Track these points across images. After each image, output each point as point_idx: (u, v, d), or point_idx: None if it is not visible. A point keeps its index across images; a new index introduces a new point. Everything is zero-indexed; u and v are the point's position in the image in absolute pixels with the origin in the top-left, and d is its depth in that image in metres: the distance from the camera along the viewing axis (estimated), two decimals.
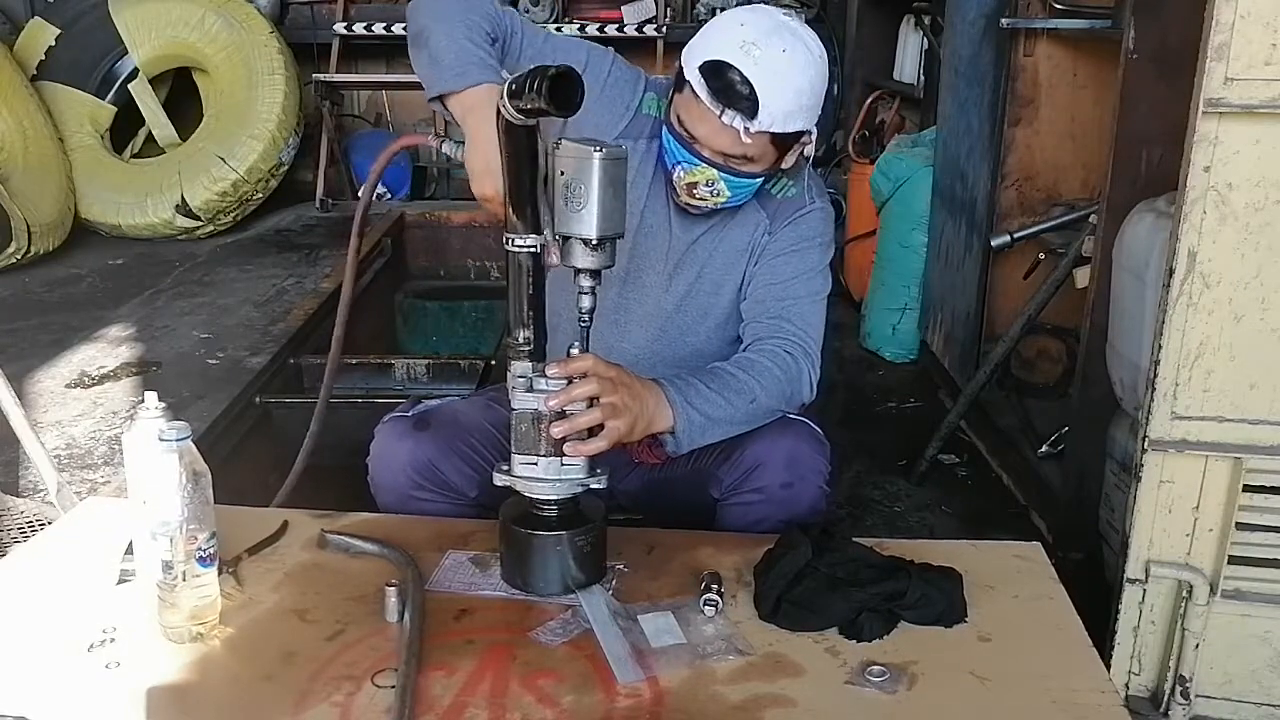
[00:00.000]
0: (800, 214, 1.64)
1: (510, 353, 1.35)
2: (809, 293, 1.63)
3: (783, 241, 1.64)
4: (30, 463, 2.08)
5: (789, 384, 1.55)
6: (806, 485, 1.55)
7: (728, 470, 1.58)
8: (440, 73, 1.46)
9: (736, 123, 1.44)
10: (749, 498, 1.56)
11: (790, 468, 1.54)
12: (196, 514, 1.25)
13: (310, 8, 5.44)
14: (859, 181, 4.20)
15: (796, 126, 1.48)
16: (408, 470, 1.59)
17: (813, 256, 1.65)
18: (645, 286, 1.67)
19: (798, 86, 1.45)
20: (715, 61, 1.43)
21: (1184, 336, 1.62)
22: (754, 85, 1.41)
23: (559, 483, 1.35)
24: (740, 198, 1.57)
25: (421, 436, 1.59)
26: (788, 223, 1.64)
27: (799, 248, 1.64)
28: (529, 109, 1.22)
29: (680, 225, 1.65)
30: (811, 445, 1.58)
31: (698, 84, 1.45)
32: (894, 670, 1.22)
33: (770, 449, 1.55)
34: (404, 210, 4.76)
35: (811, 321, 1.62)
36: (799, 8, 5.46)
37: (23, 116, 4.15)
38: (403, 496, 1.61)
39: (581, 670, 1.23)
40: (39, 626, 1.31)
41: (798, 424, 1.61)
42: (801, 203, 1.65)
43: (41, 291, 3.66)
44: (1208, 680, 1.75)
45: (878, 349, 3.89)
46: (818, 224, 1.66)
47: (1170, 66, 1.88)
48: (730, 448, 1.57)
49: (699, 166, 1.52)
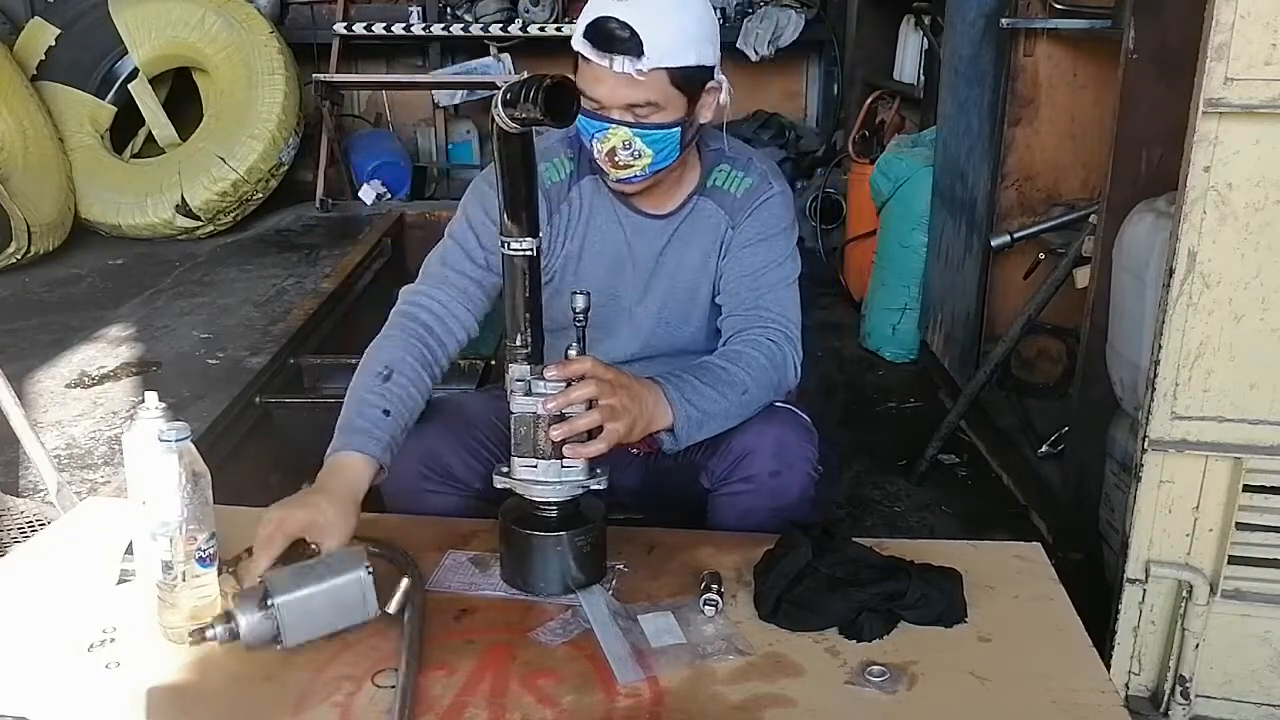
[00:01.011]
0: (760, 203, 1.65)
1: (508, 356, 1.35)
2: (781, 279, 1.64)
3: (747, 233, 1.65)
4: (30, 463, 2.08)
5: (775, 371, 1.56)
6: (795, 473, 1.56)
7: (717, 461, 1.59)
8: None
9: (627, 67, 1.45)
10: (738, 487, 1.57)
11: (778, 456, 1.55)
12: (196, 514, 1.25)
13: (310, 8, 5.45)
14: (859, 181, 4.20)
15: (689, 60, 1.48)
16: (414, 462, 1.59)
17: (779, 244, 1.65)
18: (623, 306, 1.68)
19: (680, 21, 1.47)
20: (593, 19, 1.46)
21: (1184, 336, 1.62)
22: (634, 27, 1.43)
23: (559, 485, 1.35)
24: (665, 156, 1.54)
25: (426, 429, 1.59)
26: (749, 214, 1.65)
27: (764, 237, 1.64)
28: (524, 118, 1.22)
29: (639, 241, 1.66)
30: (799, 433, 1.59)
31: (583, 46, 1.48)
32: (894, 670, 1.22)
33: (758, 438, 1.56)
34: (404, 210, 4.76)
35: (787, 306, 1.63)
36: (799, 8, 5.46)
37: (23, 116, 4.15)
38: (410, 488, 1.61)
39: (581, 670, 1.23)
40: (39, 626, 1.31)
41: (785, 412, 1.62)
42: (758, 191, 1.65)
43: (41, 291, 3.66)
44: (1208, 680, 1.75)
45: (878, 349, 3.89)
46: (779, 209, 1.66)
47: (1170, 66, 1.88)
48: (719, 438, 1.58)
49: (609, 129, 1.51)
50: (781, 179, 1.70)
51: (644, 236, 1.66)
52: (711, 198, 1.65)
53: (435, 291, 1.61)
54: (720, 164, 1.67)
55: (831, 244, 4.74)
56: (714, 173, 1.66)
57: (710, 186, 1.66)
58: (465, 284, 1.62)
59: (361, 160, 5.22)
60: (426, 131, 5.79)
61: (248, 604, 1.22)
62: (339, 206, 4.90)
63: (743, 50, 5.40)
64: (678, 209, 1.66)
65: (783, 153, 5.48)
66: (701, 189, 1.66)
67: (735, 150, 1.69)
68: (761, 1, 5.59)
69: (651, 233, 1.66)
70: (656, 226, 1.66)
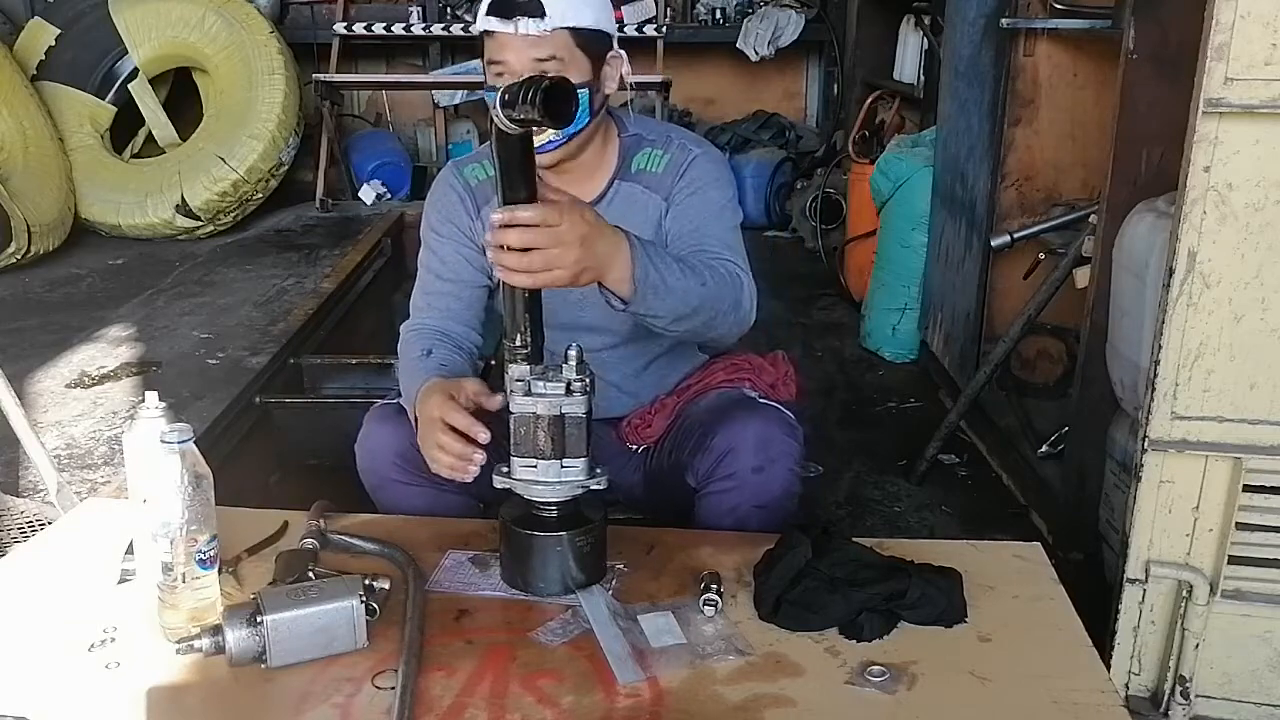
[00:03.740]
0: (685, 166, 1.67)
1: (508, 356, 1.35)
2: (723, 227, 1.65)
3: (680, 194, 1.66)
4: (30, 463, 2.08)
5: (733, 288, 1.54)
6: (778, 468, 1.56)
7: (701, 459, 1.60)
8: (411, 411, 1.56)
9: (531, 28, 1.49)
10: (723, 484, 1.58)
11: (760, 451, 1.55)
12: (197, 516, 1.25)
13: (310, 8, 5.45)
14: (859, 181, 4.20)
15: (588, 21, 1.53)
16: (390, 454, 1.61)
17: (712, 195, 1.66)
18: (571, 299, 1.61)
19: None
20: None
21: (1184, 336, 1.62)
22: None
23: (559, 485, 1.35)
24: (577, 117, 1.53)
25: (403, 421, 1.59)
26: (678, 178, 1.66)
27: (695, 189, 1.66)
28: (522, 119, 1.22)
29: None
30: (782, 428, 1.59)
31: (487, 23, 1.52)
32: (894, 670, 1.22)
33: (740, 434, 1.56)
34: (404, 210, 4.76)
35: (732, 245, 1.63)
36: (799, 8, 5.47)
37: (23, 116, 4.15)
38: (384, 480, 1.62)
39: (581, 670, 1.23)
40: (39, 626, 1.31)
41: (766, 408, 1.63)
42: (679, 161, 1.67)
43: (41, 291, 3.66)
44: (1208, 680, 1.75)
45: (878, 349, 3.88)
46: (705, 165, 1.68)
47: (1170, 66, 1.88)
48: (702, 435, 1.60)
49: None
50: (703, 143, 1.72)
51: None
52: (638, 181, 1.68)
53: (427, 320, 1.69)
54: (642, 149, 1.69)
55: (831, 244, 4.74)
56: (636, 158, 1.69)
57: (635, 171, 1.68)
58: (448, 303, 1.68)
59: (361, 160, 5.23)
60: (426, 131, 5.79)
61: (237, 619, 1.22)
62: (339, 206, 4.90)
63: (743, 50, 5.40)
64: (602, 195, 1.67)
65: (783, 153, 5.48)
66: (625, 174, 1.68)
67: (652, 132, 1.72)
68: (761, 1, 5.59)
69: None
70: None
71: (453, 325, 1.68)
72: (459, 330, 1.68)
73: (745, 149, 5.52)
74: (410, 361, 1.62)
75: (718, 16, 5.64)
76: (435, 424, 1.42)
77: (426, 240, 1.73)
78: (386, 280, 4.14)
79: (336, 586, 1.27)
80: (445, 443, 1.41)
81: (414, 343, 1.66)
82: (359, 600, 1.25)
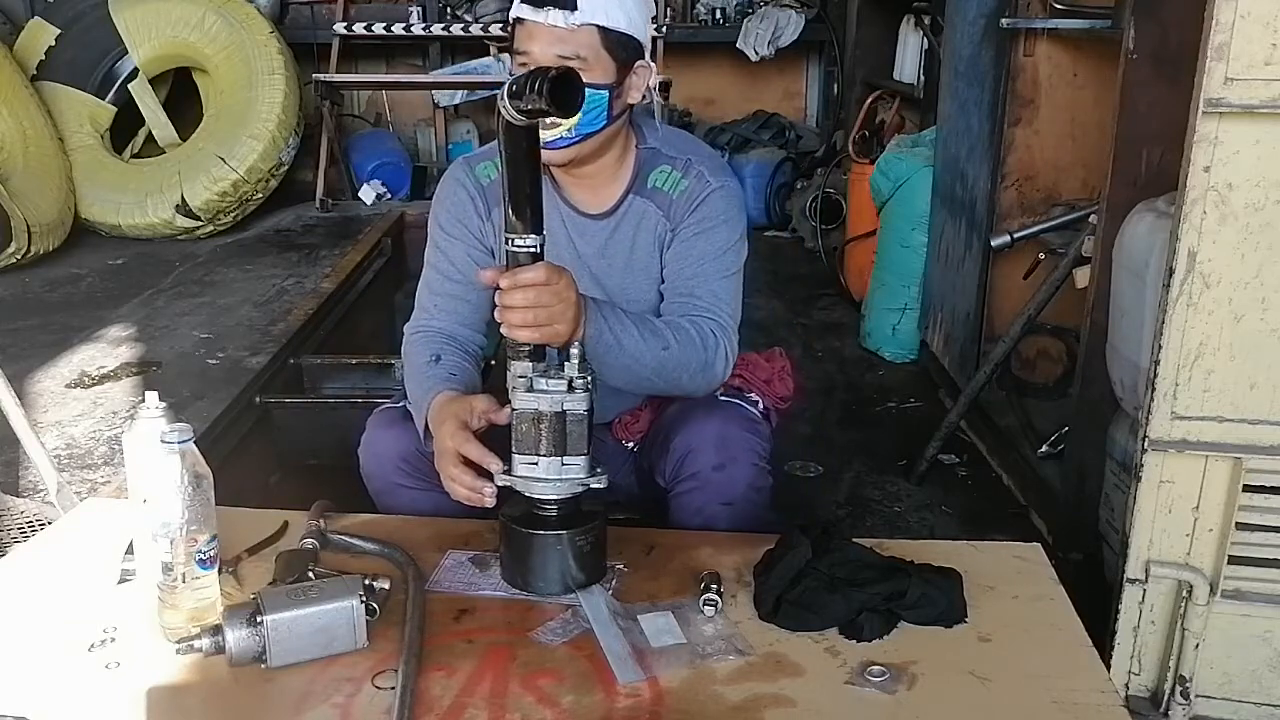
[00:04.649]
0: (699, 201, 1.64)
1: (510, 353, 1.35)
2: (719, 270, 1.63)
3: (687, 229, 1.64)
4: (30, 463, 2.08)
5: (704, 351, 1.55)
6: (739, 465, 1.56)
7: (665, 460, 1.60)
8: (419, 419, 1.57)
9: (560, 20, 1.47)
10: (687, 485, 1.58)
11: (720, 449, 1.55)
12: (197, 516, 1.25)
13: (310, 8, 5.45)
14: (859, 181, 4.20)
15: (620, 24, 1.51)
16: (394, 458, 1.61)
17: (718, 235, 1.63)
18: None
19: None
20: None
21: (1184, 336, 1.62)
22: None
23: (559, 482, 1.35)
24: (592, 119, 1.53)
25: (408, 426, 1.60)
26: (688, 213, 1.64)
27: (703, 230, 1.63)
28: (529, 109, 1.22)
29: (583, 242, 1.66)
30: (741, 425, 1.59)
31: (520, 10, 1.51)
32: (894, 670, 1.22)
33: (699, 434, 1.57)
34: (404, 210, 4.76)
35: (723, 298, 1.62)
36: (799, 8, 5.47)
37: (23, 116, 4.15)
38: (389, 484, 1.63)
39: (581, 670, 1.23)
40: (39, 626, 1.31)
41: (726, 406, 1.62)
42: (694, 192, 1.64)
43: (41, 291, 3.66)
44: (1208, 680, 1.75)
45: (878, 349, 3.88)
46: (717, 203, 1.64)
47: (1170, 66, 1.88)
48: (665, 437, 1.60)
49: None
50: (723, 174, 1.68)
51: (586, 237, 1.66)
52: (651, 199, 1.65)
53: (434, 322, 1.68)
54: (660, 165, 1.66)
55: (831, 244, 4.73)
56: (653, 174, 1.66)
57: (650, 188, 1.66)
58: (455, 305, 1.67)
59: (361, 160, 5.23)
60: (426, 131, 5.79)
61: (237, 619, 1.22)
62: (339, 206, 4.90)
63: (743, 50, 5.40)
64: (615, 207, 1.66)
65: (783, 153, 5.48)
66: (640, 189, 1.66)
67: (672, 148, 1.67)
68: (761, 1, 5.59)
69: (593, 233, 1.66)
70: (597, 227, 1.66)
71: (459, 329, 1.67)
72: (465, 334, 1.68)
73: (745, 149, 5.52)
74: (418, 367, 1.61)
75: (718, 16, 5.65)
76: (450, 455, 1.43)
77: (435, 238, 1.70)
78: (386, 280, 4.14)
79: (336, 586, 1.27)
80: (458, 475, 1.42)
81: (421, 346, 1.65)
82: (359, 600, 1.25)
